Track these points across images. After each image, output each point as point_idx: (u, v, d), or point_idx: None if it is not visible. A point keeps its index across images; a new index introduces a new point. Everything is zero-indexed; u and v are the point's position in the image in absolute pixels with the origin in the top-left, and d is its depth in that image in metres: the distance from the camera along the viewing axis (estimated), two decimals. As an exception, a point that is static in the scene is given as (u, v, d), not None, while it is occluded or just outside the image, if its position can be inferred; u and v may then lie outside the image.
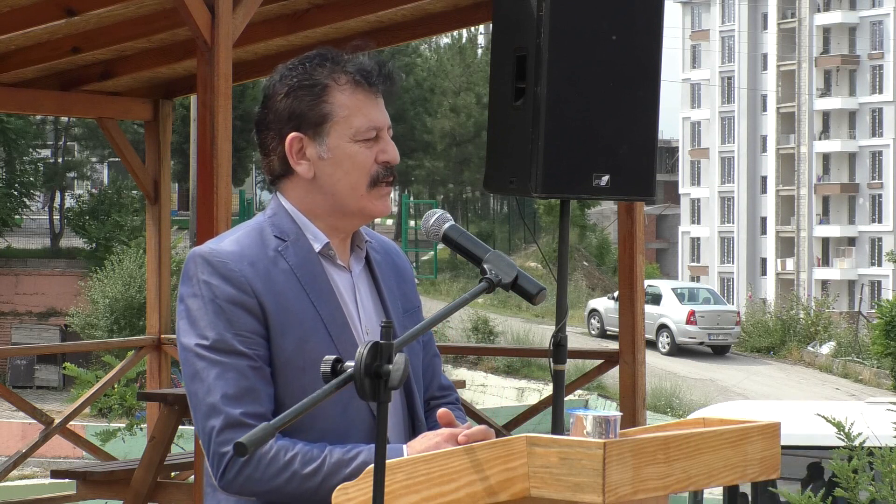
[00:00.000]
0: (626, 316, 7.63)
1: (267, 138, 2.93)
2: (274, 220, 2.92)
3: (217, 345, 2.79)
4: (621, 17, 5.31)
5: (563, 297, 5.30)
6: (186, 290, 2.84)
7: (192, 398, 2.81)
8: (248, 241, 2.88)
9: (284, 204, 2.94)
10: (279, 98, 2.92)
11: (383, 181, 2.92)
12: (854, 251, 72.71)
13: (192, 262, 2.85)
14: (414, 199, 52.48)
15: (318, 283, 2.89)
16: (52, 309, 37.08)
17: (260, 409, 2.78)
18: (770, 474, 2.79)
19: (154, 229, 9.28)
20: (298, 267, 2.88)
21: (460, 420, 2.97)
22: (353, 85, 2.90)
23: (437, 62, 55.05)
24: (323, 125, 2.89)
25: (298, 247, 2.90)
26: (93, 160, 47.26)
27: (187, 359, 2.82)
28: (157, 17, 7.52)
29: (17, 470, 10.09)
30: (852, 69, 75.44)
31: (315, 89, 2.89)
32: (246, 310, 2.80)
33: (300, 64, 2.94)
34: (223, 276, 2.81)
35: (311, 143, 2.89)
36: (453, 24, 8.65)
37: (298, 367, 2.81)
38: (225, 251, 2.85)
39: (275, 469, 2.76)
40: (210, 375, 2.78)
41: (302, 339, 2.83)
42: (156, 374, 9.45)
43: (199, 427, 2.80)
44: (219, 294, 2.80)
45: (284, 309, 2.83)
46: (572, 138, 5.22)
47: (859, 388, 36.54)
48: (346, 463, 2.75)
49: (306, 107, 2.89)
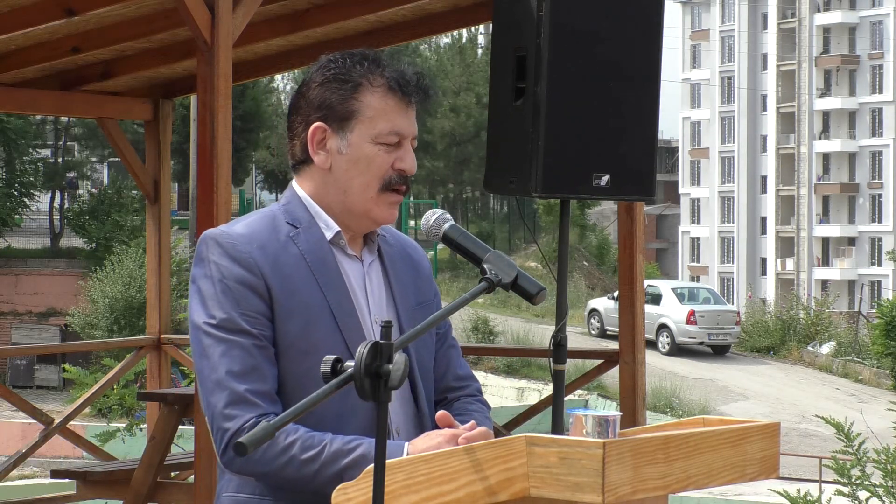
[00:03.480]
0: (626, 316, 7.63)
1: (295, 122, 2.99)
2: (287, 208, 2.98)
3: (224, 323, 2.84)
4: (621, 17, 5.31)
5: (563, 297, 5.30)
6: (198, 270, 2.91)
7: (199, 375, 2.87)
8: (259, 225, 2.94)
9: (298, 192, 3.00)
10: (314, 86, 2.96)
11: (395, 188, 2.96)
12: (854, 251, 72.73)
13: (204, 243, 2.91)
14: (414, 199, 52.49)
15: (327, 269, 2.92)
16: (52, 309, 37.07)
17: (264, 388, 2.82)
18: (769, 474, 2.79)
19: (154, 229, 9.28)
20: (309, 253, 2.92)
21: (478, 414, 3.01)
22: (385, 89, 2.94)
23: (437, 62, 55.05)
24: (349, 121, 2.93)
25: (310, 234, 2.94)
26: (93, 160, 47.26)
27: (196, 337, 2.88)
28: (157, 17, 7.52)
29: (17, 470, 10.09)
30: (852, 69, 75.45)
31: (348, 85, 2.94)
32: (253, 290, 2.85)
33: (342, 57, 2.98)
34: (232, 258, 2.87)
35: (333, 136, 2.94)
36: (453, 24, 8.64)
37: (302, 350, 2.85)
38: (236, 233, 2.91)
39: (273, 452, 2.77)
40: (216, 353, 2.83)
41: (307, 324, 2.86)
42: (156, 374, 9.45)
43: (204, 403, 2.85)
44: (227, 274, 2.86)
45: (291, 293, 2.87)
46: (572, 138, 5.22)
47: (859, 388, 36.54)
48: (344, 453, 2.76)
49: (336, 100, 2.93)
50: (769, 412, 32.25)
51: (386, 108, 2.93)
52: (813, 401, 33.76)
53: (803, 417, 31.46)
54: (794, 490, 5.61)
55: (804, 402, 33.73)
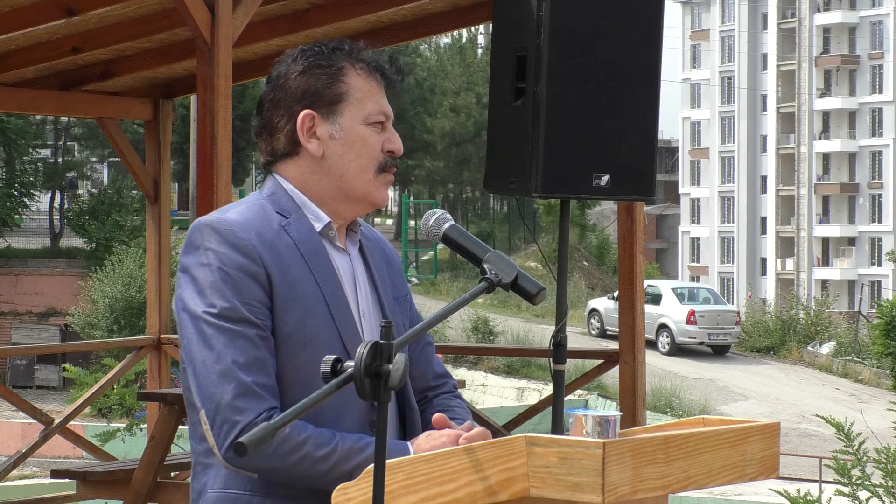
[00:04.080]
0: (626, 316, 7.63)
1: (274, 117, 2.92)
2: (273, 199, 2.91)
3: (226, 312, 2.76)
4: (621, 17, 5.31)
5: (563, 297, 5.29)
6: (191, 259, 2.82)
7: (199, 366, 2.76)
8: (251, 213, 2.87)
9: (283, 184, 2.93)
10: (293, 76, 2.92)
11: (388, 169, 2.94)
12: (854, 251, 72.71)
13: (199, 231, 2.83)
14: (414, 199, 52.49)
15: (320, 260, 2.89)
16: (52, 309, 37.09)
17: (269, 381, 2.77)
18: (769, 474, 2.79)
19: (154, 229, 9.29)
20: (302, 243, 2.87)
21: (460, 409, 3.00)
22: (368, 71, 2.94)
23: (437, 62, 55.07)
24: (338, 104, 2.91)
25: (300, 224, 2.90)
26: (93, 160, 47.28)
27: (195, 326, 2.78)
28: (157, 17, 7.53)
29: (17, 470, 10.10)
30: (852, 69, 75.44)
31: (332, 69, 2.92)
32: (254, 278, 2.79)
33: (317, 47, 2.96)
34: (232, 245, 2.80)
35: (322, 122, 2.91)
36: (453, 24, 8.65)
37: (299, 342, 2.80)
38: (232, 220, 2.84)
39: (288, 447, 2.73)
40: (219, 343, 2.75)
41: (304, 315, 2.82)
42: (156, 374, 9.45)
43: (205, 394, 2.75)
44: (227, 262, 2.79)
45: (289, 282, 2.82)
46: (572, 138, 5.22)
47: (859, 388, 36.55)
48: (357, 451, 2.74)
49: (322, 85, 2.91)
50: (769, 412, 32.26)
51: (371, 88, 2.93)
52: (813, 401, 33.77)
53: (803, 417, 31.47)
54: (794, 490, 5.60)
55: (804, 402, 33.74)
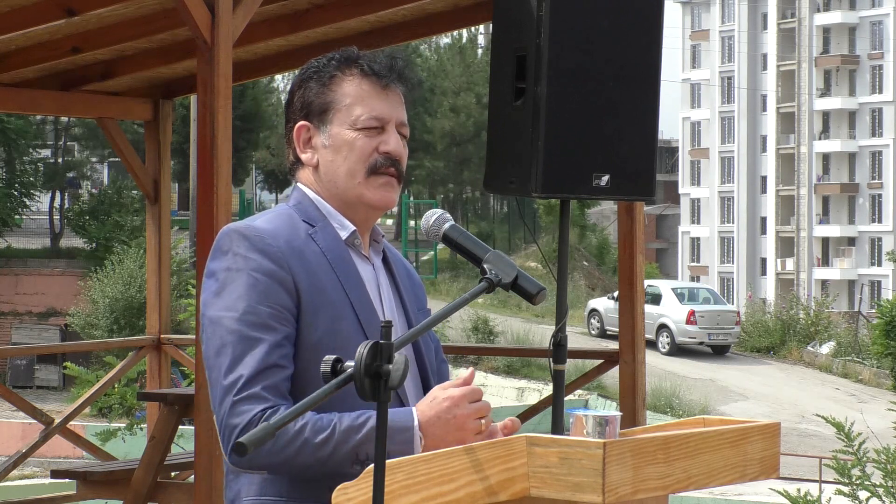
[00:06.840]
0: (626, 316, 7.62)
1: (286, 130, 3.01)
2: (299, 208, 2.96)
3: (248, 317, 2.79)
4: (621, 17, 5.31)
5: (563, 297, 5.29)
6: (219, 264, 2.85)
7: (214, 372, 2.80)
8: (279, 222, 2.91)
9: (307, 192, 2.99)
10: (295, 90, 3.00)
11: (382, 170, 2.94)
12: (854, 251, 72.71)
13: (227, 237, 2.86)
14: (414, 199, 52.47)
15: (347, 268, 2.92)
16: (52, 309, 37.06)
17: (279, 385, 2.78)
18: (770, 474, 2.79)
19: (154, 229, 9.28)
20: (329, 250, 2.91)
21: None
22: (361, 76, 2.96)
23: (437, 62, 55.04)
24: (326, 113, 2.95)
25: (326, 233, 2.93)
26: (93, 160, 47.26)
27: (215, 331, 2.81)
28: (157, 17, 7.52)
29: (17, 470, 10.09)
30: (852, 69, 75.44)
31: (323, 79, 2.96)
32: (281, 285, 2.82)
33: (321, 59, 3.01)
34: (260, 251, 2.83)
35: (316, 132, 2.96)
36: (453, 24, 8.65)
37: (330, 348, 2.77)
38: (261, 227, 2.88)
39: (285, 439, 2.74)
40: (236, 351, 2.77)
41: (333, 321, 2.84)
42: (156, 374, 9.45)
43: (218, 399, 2.78)
44: (255, 267, 2.82)
45: (317, 289, 2.84)
46: (572, 138, 5.22)
47: (859, 388, 36.54)
48: (356, 429, 2.75)
49: (313, 95, 2.97)
50: (769, 412, 32.26)
51: (362, 93, 2.94)
52: (813, 401, 33.76)
53: (803, 417, 31.47)
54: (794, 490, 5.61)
55: (804, 402, 33.74)
